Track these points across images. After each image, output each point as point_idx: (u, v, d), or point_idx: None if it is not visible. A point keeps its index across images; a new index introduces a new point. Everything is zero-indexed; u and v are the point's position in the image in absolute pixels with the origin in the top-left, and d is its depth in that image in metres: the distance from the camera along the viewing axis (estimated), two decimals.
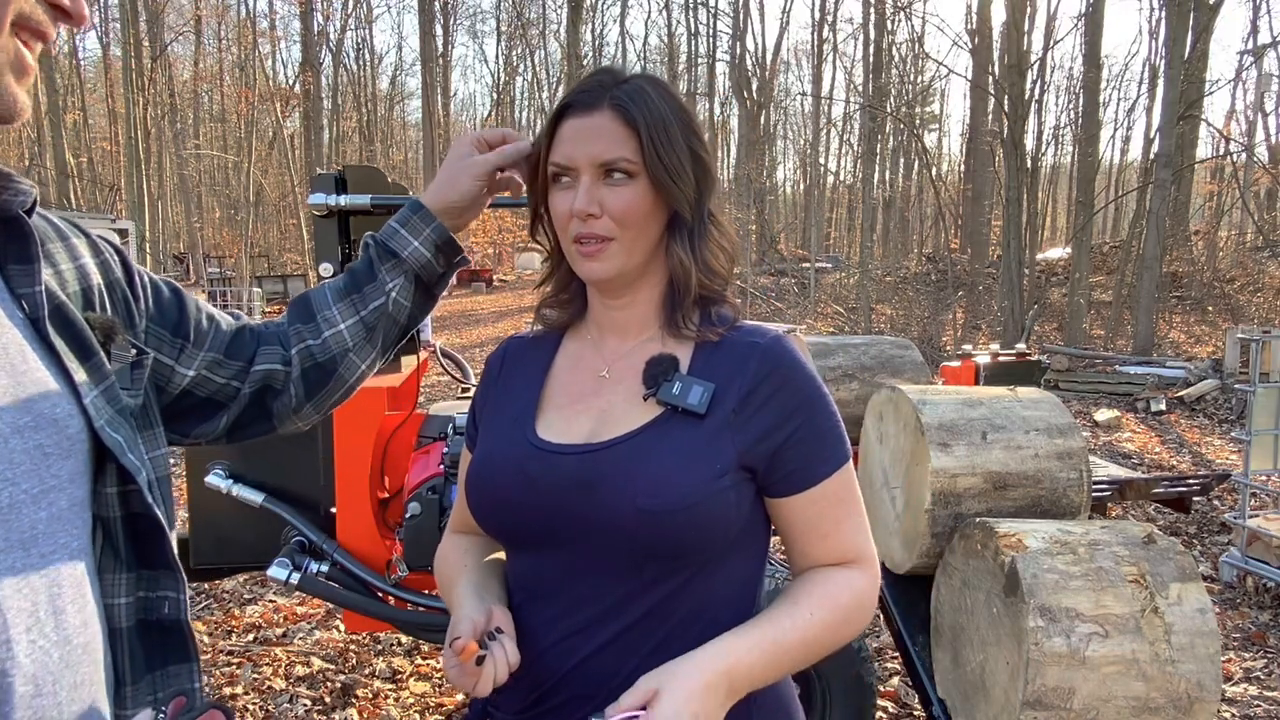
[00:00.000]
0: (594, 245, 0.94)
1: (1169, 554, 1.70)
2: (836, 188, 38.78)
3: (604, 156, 0.92)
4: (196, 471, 2.48)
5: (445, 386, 9.22)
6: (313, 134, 31.96)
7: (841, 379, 2.81)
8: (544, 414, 1.00)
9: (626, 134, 0.92)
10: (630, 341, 1.02)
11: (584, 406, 0.99)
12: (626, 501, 0.89)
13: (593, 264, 0.95)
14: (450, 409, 2.69)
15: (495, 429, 1.02)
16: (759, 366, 0.95)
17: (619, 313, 1.02)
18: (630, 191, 0.93)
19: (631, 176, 0.93)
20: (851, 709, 2.31)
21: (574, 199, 0.93)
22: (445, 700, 3.15)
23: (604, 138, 0.92)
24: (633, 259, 0.96)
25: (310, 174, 23.12)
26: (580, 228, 0.94)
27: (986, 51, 17.13)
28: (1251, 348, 4.64)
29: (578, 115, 0.94)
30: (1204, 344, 13.58)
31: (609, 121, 0.93)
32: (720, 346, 0.97)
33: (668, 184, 0.93)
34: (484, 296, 26.85)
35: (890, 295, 17.94)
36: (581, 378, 1.02)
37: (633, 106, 0.92)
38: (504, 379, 1.08)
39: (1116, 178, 27.75)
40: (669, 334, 1.00)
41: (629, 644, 0.92)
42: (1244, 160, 18.52)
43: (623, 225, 0.93)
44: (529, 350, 1.09)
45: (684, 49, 37.67)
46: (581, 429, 0.97)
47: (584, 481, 0.91)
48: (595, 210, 0.93)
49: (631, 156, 0.92)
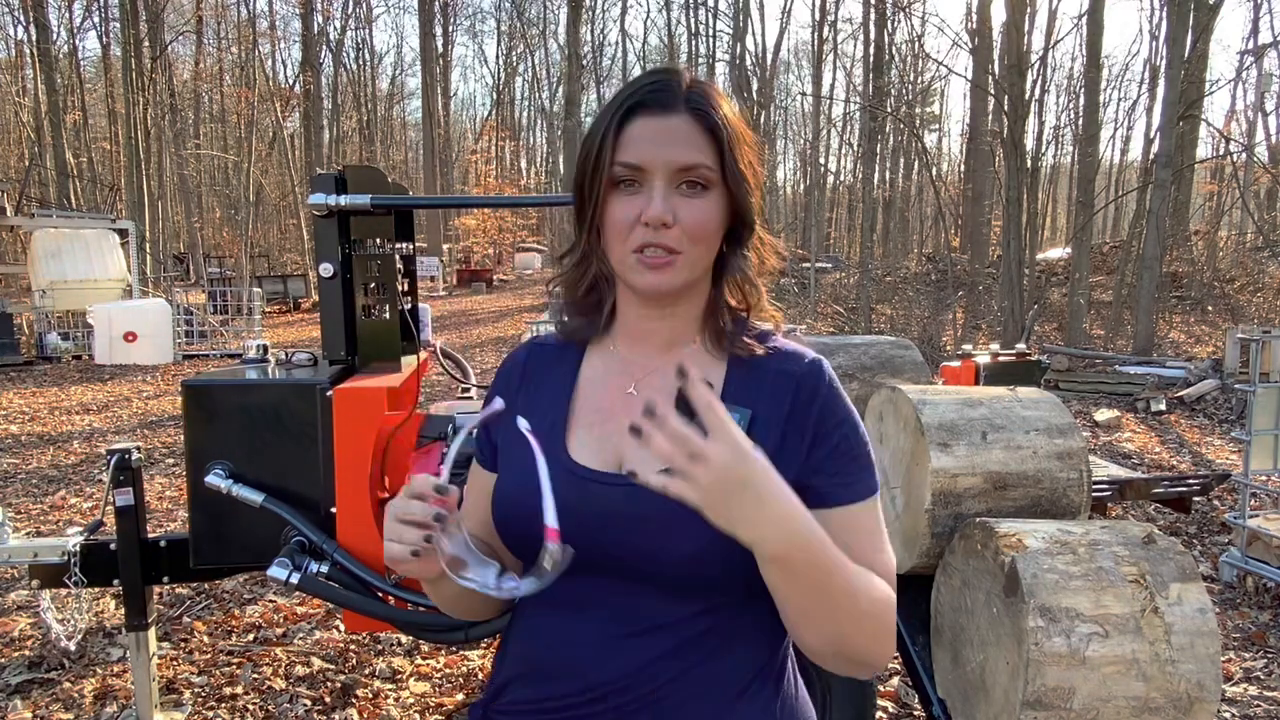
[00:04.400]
0: (662, 258, 0.88)
1: (1169, 554, 1.70)
2: (836, 188, 38.78)
3: (684, 161, 0.87)
4: (196, 471, 2.48)
5: (445, 386, 9.22)
6: (313, 134, 31.97)
7: (841, 379, 2.79)
8: (574, 433, 0.95)
9: (706, 141, 0.88)
10: (661, 355, 0.97)
11: (615, 426, 0.93)
12: (669, 544, 0.85)
13: (657, 277, 0.89)
14: (450, 409, 2.69)
15: (521, 448, 0.92)
16: (795, 398, 0.91)
17: (657, 323, 0.96)
18: (705, 203, 0.88)
19: (707, 187, 0.88)
20: (851, 709, 2.31)
21: (644, 204, 0.87)
22: (445, 700, 3.15)
23: (683, 142, 0.87)
24: (695, 273, 0.91)
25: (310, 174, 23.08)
26: (649, 236, 0.87)
27: (986, 51, 17.12)
28: (1251, 348, 4.64)
29: (652, 115, 0.87)
30: (1204, 344, 13.58)
31: (688, 125, 0.87)
32: (756, 368, 0.94)
33: (743, 197, 0.90)
34: (484, 296, 26.84)
35: (890, 295, 17.94)
36: (610, 394, 0.97)
37: (714, 113, 0.88)
38: (525, 393, 1.01)
39: (1116, 178, 27.76)
40: (708, 347, 0.96)
41: (659, 661, 0.89)
42: (1244, 160, 18.52)
43: (694, 239, 0.88)
44: (550, 362, 1.02)
45: (684, 49, 37.68)
46: (612, 455, 0.92)
47: (624, 518, 0.87)
48: (670, 219, 0.87)
49: (711, 164, 0.88)
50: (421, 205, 3.51)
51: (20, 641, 3.62)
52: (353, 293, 2.79)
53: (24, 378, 11.88)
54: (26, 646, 3.57)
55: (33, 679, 3.29)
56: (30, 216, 15.73)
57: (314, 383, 2.47)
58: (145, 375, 11.91)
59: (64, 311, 14.38)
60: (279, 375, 2.59)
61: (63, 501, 5.76)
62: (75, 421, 8.72)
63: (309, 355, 2.77)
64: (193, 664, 3.43)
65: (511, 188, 43.00)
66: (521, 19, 41.82)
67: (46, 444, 7.64)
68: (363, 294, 2.89)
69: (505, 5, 42.25)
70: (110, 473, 2.60)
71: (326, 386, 2.45)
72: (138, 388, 10.91)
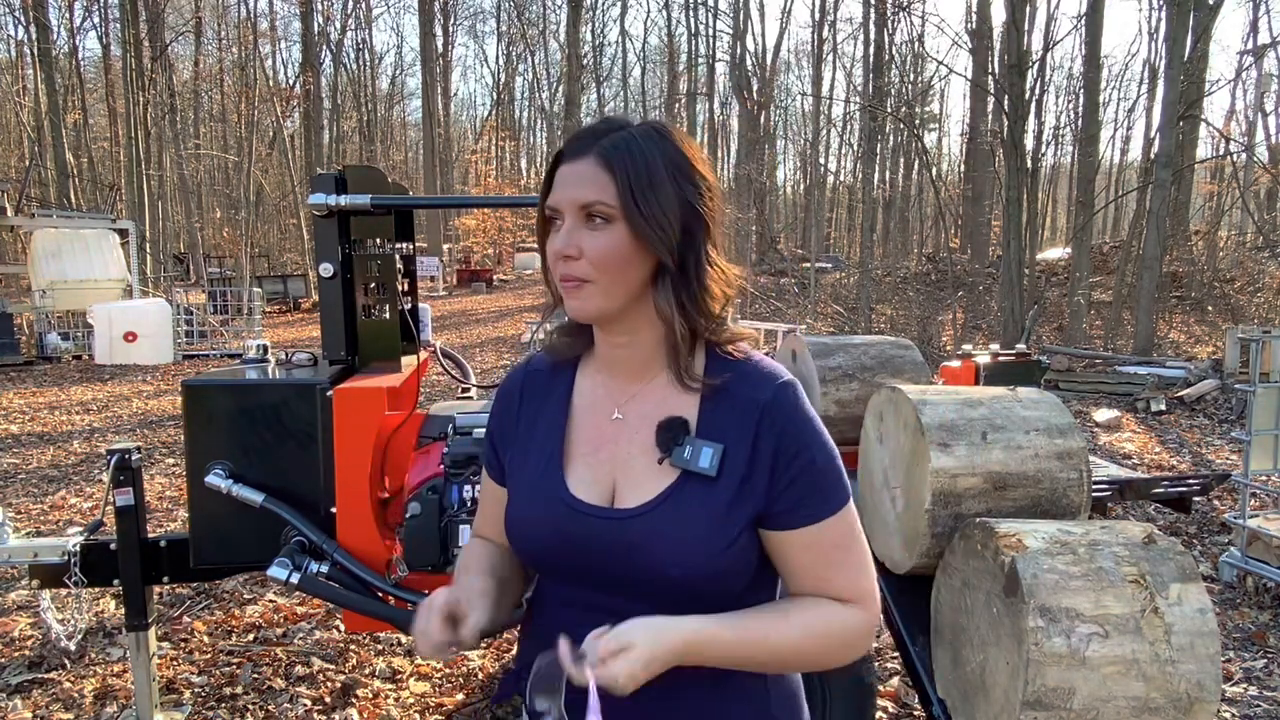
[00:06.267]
0: (574, 285, 0.99)
1: (1169, 554, 1.70)
2: (836, 188, 38.77)
3: (583, 199, 0.96)
4: (196, 471, 2.48)
5: (445, 386, 9.22)
6: (313, 134, 31.97)
7: (841, 379, 2.80)
8: (571, 465, 1.06)
9: (607, 179, 0.96)
10: (638, 383, 1.06)
11: (606, 456, 1.04)
12: (657, 568, 0.97)
13: (573, 303, 1.00)
14: (450, 409, 2.69)
15: (527, 479, 1.07)
16: (760, 427, 1.00)
17: (622, 351, 1.06)
18: (607, 236, 0.97)
19: (609, 221, 0.97)
20: (851, 709, 2.31)
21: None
22: (445, 700, 3.15)
23: (585, 183, 0.97)
24: (611, 301, 0.99)
25: (310, 174, 23.10)
26: (563, 268, 0.99)
27: (986, 51, 17.12)
28: (1251, 348, 4.63)
29: (568, 161, 0.99)
30: (1204, 344, 13.58)
31: (591, 168, 0.97)
32: (725, 397, 1.02)
33: (645, 231, 0.96)
34: (484, 296, 26.84)
35: (890, 295, 17.95)
36: (598, 421, 1.07)
37: (614, 154, 0.96)
38: (525, 414, 1.12)
39: (1116, 178, 27.74)
40: (674, 382, 1.04)
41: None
42: (1244, 160, 18.52)
43: (599, 269, 0.97)
44: (546, 383, 1.13)
45: (684, 49, 37.70)
46: (606, 484, 1.03)
47: (620, 546, 0.99)
48: (573, 251, 0.97)
49: (610, 201, 0.96)
50: (421, 205, 3.51)
51: (20, 641, 3.62)
52: (353, 293, 2.79)
53: (24, 378, 11.88)
54: (26, 646, 3.57)
55: (33, 679, 3.29)
56: (30, 216, 15.71)
57: (314, 383, 2.47)
58: (145, 375, 11.91)
59: (64, 311, 14.38)
60: (279, 375, 2.59)
61: (63, 501, 5.77)
62: (75, 421, 8.72)
63: (309, 355, 2.78)
64: (193, 664, 3.43)
65: (511, 188, 42.97)
66: (521, 19, 41.82)
67: (46, 444, 7.64)
68: (363, 294, 2.89)
69: (505, 5, 42.26)
70: (110, 473, 2.60)
71: (326, 386, 2.45)
72: (138, 388, 10.91)
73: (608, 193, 0.96)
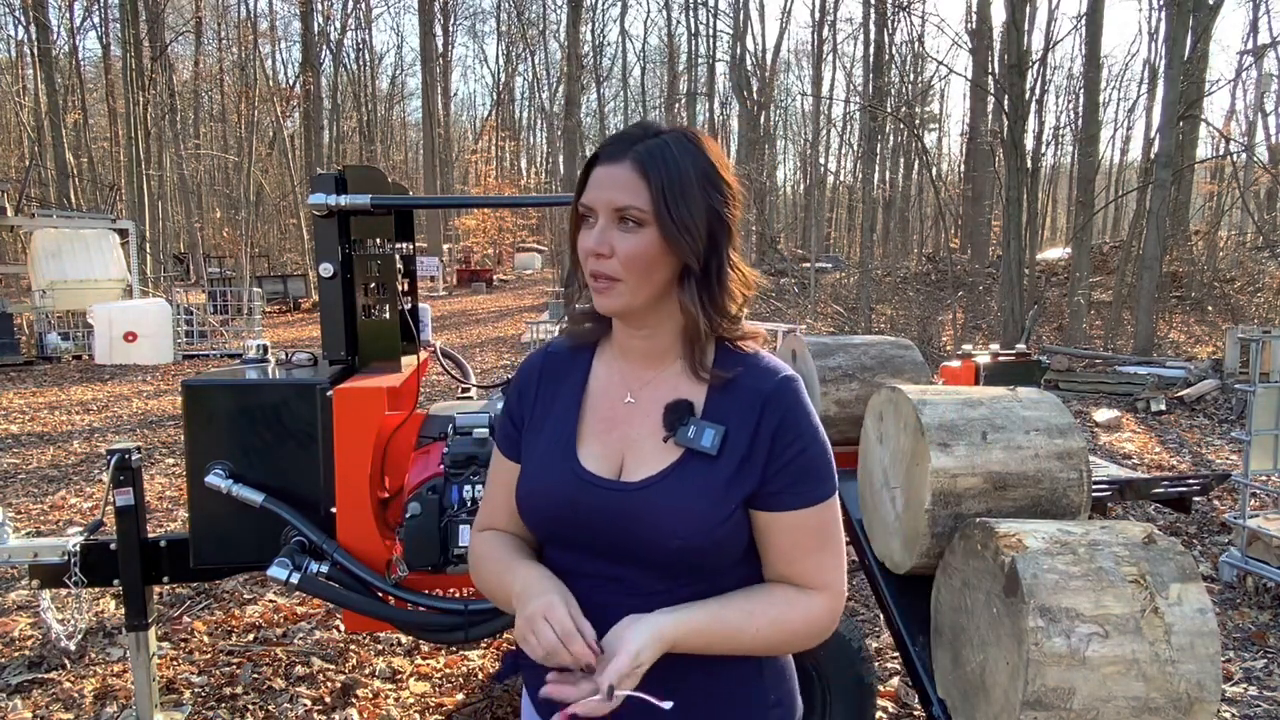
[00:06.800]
0: (603, 283, 1.05)
1: (1169, 554, 1.70)
2: (836, 188, 38.77)
3: (617, 202, 1.02)
4: (196, 471, 2.48)
5: (445, 386, 9.22)
6: (313, 134, 31.96)
7: (841, 379, 2.80)
8: (584, 441, 1.12)
9: (641, 185, 1.02)
10: (652, 370, 1.13)
11: (618, 435, 1.11)
12: (661, 537, 1.04)
13: (601, 299, 1.06)
14: (450, 409, 2.69)
15: (543, 453, 1.13)
16: (762, 414, 1.06)
17: (640, 341, 1.12)
18: (638, 239, 1.02)
19: (641, 225, 1.02)
20: (851, 709, 2.31)
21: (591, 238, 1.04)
22: (445, 700, 3.15)
23: (620, 186, 1.02)
24: (638, 299, 1.05)
25: (310, 174, 23.10)
26: (595, 264, 1.04)
27: (986, 51, 17.12)
28: (1251, 348, 4.63)
29: (604, 164, 1.04)
30: (1204, 344, 13.58)
31: (627, 172, 1.02)
32: (732, 387, 1.08)
33: (675, 236, 1.02)
34: (484, 296, 26.86)
35: (890, 295, 17.95)
36: (612, 403, 1.13)
37: (649, 161, 1.02)
38: (543, 395, 1.18)
39: (1116, 178, 27.73)
40: (690, 369, 1.10)
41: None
42: (1244, 160, 18.51)
43: (628, 269, 1.03)
44: (564, 366, 1.19)
45: (684, 49, 37.69)
46: (615, 459, 1.10)
47: (625, 516, 1.05)
48: (605, 250, 1.03)
49: (643, 206, 1.01)
50: (421, 205, 3.51)
51: (20, 641, 3.62)
52: (353, 293, 2.79)
53: (24, 378, 11.88)
54: (26, 646, 3.57)
55: (33, 679, 3.29)
56: (30, 216, 15.71)
57: (314, 383, 2.47)
58: (145, 375, 11.91)
59: (64, 311, 14.38)
60: (279, 375, 2.59)
61: (63, 501, 5.77)
62: (75, 421, 8.72)
63: (309, 355, 2.78)
64: (193, 664, 3.43)
65: (511, 188, 42.96)
66: (521, 19, 41.82)
67: (46, 444, 7.64)
68: (363, 294, 2.89)
69: (505, 5, 42.25)
70: (110, 473, 2.60)
71: (326, 386, 2.45)
72: (138, 388, 10.91)
73: (641, 198, 1.01)
